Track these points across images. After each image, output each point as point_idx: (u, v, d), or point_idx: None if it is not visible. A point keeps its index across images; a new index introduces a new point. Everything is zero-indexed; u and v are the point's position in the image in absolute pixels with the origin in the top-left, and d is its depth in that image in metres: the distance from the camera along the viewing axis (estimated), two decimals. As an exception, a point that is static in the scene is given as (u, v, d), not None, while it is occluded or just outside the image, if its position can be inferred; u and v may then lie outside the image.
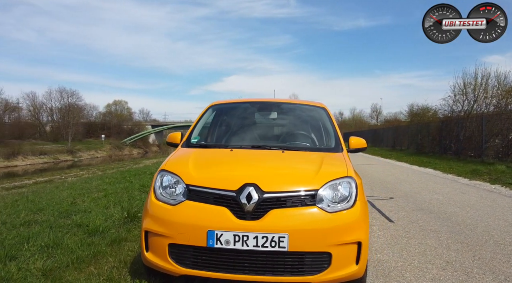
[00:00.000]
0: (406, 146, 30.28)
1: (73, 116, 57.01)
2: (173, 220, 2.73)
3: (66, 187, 9.82)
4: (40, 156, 41.78)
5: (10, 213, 5.99)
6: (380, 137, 39.54)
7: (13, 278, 3.09)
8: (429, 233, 5.09)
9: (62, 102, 60.68)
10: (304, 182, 2.80)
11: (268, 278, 2.63)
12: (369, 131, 48.62)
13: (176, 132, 3.84)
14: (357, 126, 68.20)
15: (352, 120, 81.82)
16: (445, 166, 15.38)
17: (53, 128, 59.65)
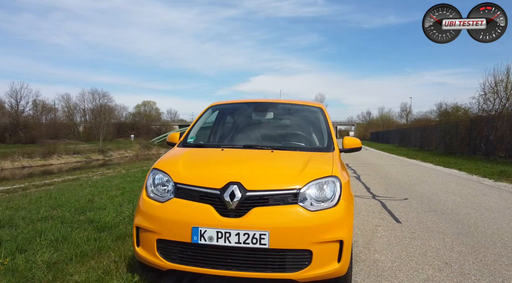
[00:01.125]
0: (435, 146, 29.47)
1: (104, 117, 58.92)
2: (161, 216, 2.85)
3: (89, 185, 10.23)
4: (74, 155, 43.39)
5: (32, 208, 6.35)
6: (408, 137, 38.63)
7: (18, 269, 3.31)
8: (435, 234, 5.01)
9: (94, 104, 62.92)
10: (287, 181, 2.86)
11: (250, 274, 2.71)
12: (397, 131, 47.53)
13: (176, 132, 3.98)
14: (385, 126, 66.83)
15: (380, 119, 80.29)
16: (471, 167, 14.91)
17: (85, 129, 61.89)
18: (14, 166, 36.58)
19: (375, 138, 62.20)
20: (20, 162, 37.23)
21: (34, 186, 12.69)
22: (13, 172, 32.99)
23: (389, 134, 50.61)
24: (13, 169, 35.21)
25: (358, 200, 7.46)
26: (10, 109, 52.95)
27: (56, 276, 3.25)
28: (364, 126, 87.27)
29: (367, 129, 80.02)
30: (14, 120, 50.07)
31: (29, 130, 49.95)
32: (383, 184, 10.05)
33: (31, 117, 55.57)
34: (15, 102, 53.21)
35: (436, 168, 15.52)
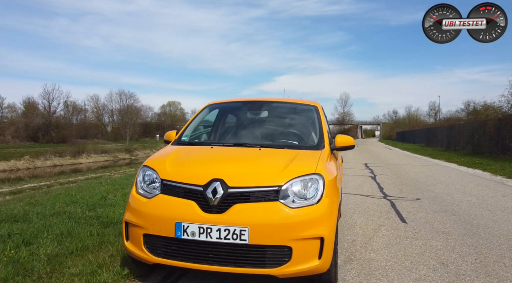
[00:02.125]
0: (462, 146, 28.54)
1: (131, 117, 60.40)
2: (147, 212, 2.95)
3: (108, 182, 10.54)
4: (102, 154, 44.73)
5: (48, 204, 6.62)
6: (435, 137, 37.57)
7: (20, 261, 3.48)
8: (439, 234, 4.91)
9: (121, 104, 64.60)
10: (268, 178, 2.90)
11: (231, 269, 2.77)
12: (422, 130, 46.29)
13: (172, 131, 4.09)
14: (411, 126, 65.26)
15: (406, 119, 78.50)
16: (497, 168, 14.40)
17: (113, 129, 63.64)
18: (46, 164, 38.12)
19: (401, 138, 60.86)
20: (52, 161, 38.74)
21: (58, 184, 13.20)
22: (45, 170, 34.37)
23: (415, 134, 49.40)
24: (46, 167, 36.71)
25: (367, 200, 7.38)
26: (43, 110, 55.08)
27: (54, 268, 3.40)
28: (390, 126, 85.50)
29: (393, 129, 78.37)
30: (47, 120, 52.02)
31: (60, 130, 51.80)
32: (398, 184, 9.87)
33: (62, 118, 57.56)
34: (48, 103, 55.29)
35: (459, 168, 15.08)
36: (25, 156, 39.02)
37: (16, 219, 5.32)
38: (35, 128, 50.24)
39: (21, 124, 50.31)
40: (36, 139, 48.94)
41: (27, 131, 49.29)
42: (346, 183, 9.67)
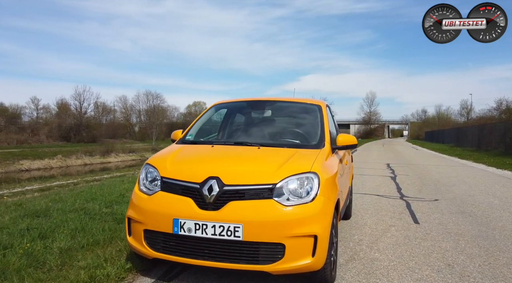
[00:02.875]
0: (493, 146, 27.49)
1: (157, 117, 61.68)
2: (147, 208, 3.06)
3: (129, 181, 10.84)
4: (129, 153, 45.94)
5: (70, 201, 6.90)
6: (464, 136, 36.37)
7: (34, 253, 3.68)
8: (451, 236, 4.81)
9: (148, 105, 66.07)
10: (263, 176, 2.94)
11: (225, 265, 2.83)
12: (452, 130, 44.89)
13: (179, 130, 4.20)
14: (440, 125, 63.40)
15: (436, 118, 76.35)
16: (528, 169, 13.85)
17: (140, 129, 65.17)
18: (77, 163, 39.57)
19: (429, 138, 59.26)
20: (83, 160, 40.17)
21: (84, 181, 13.67)
22: (76, 168, 35.66)
23: (444, 134, 47.97)
24: (77, 166, 38.10)
25: (382, 200, 7.28)
26: (74, 111, 57.10)
27: (65, 261, 3.58)
28: (419, 126, 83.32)
29: (421, 129, 76.36)
30: (78, 121, 53.93)
31: (91, 130, 53.57)
32: (418, 184, 9.67)
33: (93, 118, 59.50)
34: (79, 104, 57.33)
35: (487, 169, 14.58)
36: (58, 155, 40.61)
37: (38, 214, 5.58)
38: (67, 129, 52.15)
39: (55, 125, 52.36)
40: (68, 139, 50.82)
41: (60, 131, 51.24)
42: (364, 183, 9.57)
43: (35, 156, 39.99)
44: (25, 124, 53.89)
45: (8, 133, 47.80)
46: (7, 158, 38.10)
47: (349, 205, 5.39)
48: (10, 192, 12.75)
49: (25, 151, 42.26)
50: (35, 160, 39.39)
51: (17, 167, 36.76)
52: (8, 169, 35.73)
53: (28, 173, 34.09)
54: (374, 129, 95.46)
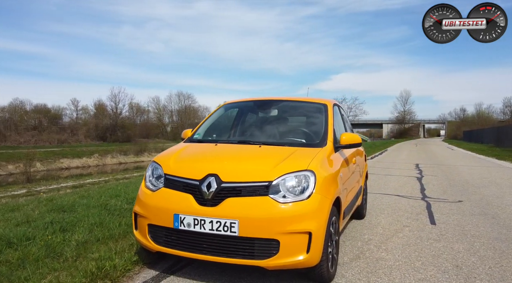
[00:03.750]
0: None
1: (189, 117, 62.89)
2: (151, 203, 3.21)
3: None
4: (161, 153, 47.22)
5: (95, 197, 7.24)
6: (505, 136, 34.65)
7: (52, 245, 3.93)
8: (467, 238, 4.69)
9: (180, 105, 67.52)
10: (260, 174, 3.01)
11: (222, 259, 2.93)
12: (492, 129, 42.90)
13: (188, 129, 4.34)
14: (480, 124, 60.77)
15: (475, 117, 73.23)
16: None
17: (172, 128, 66.69)
18: (112, 162, 41.16)
19: (467, 137, 56.91)
20: (118, 159, 41.73)
21: (114, 179, 14.20)
22: (111, 167, 37.10)
23: (483, 133, 45.91)
24: (112, 165, 39.60)
25: (402, 201, 7.15)
26: (110, 111, 59.23)
27: (80, 253, 3.79)
28: (457, 125, 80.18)
29: (459, 128, 73.45)
30: (113, 121, 55.94)
31: (125, 130, 55.42)
32: (444, 185, 9.39)
33: (127, 119, 61.48)
34: (114, 105, 59.44)
35: (524, 170, 13.89)
36: (95, 154, 42.30)
37: (64, 209, 5.91)
38: (104, 129, 54.21)
39: (92, 125, 54.55)
40: (105, 138, 52.81)
41: (96, 131, 53.35)
42: (387, 184, 9.41)
43: (74, 154, 41.86)
44: (65, 125, 56.53)
45: (50, 133, 50.29)
46: (49, 156, 40.07)
47: (361, 204, 5.36)
48: (47, 188, 13.47)
49: (65, 150, 44.29)
50: (74, 158, 41.26)
51: (58, 165, 38.67)
52: (50, 167, 37.64)
53: (67, 171, 35.81)
54: (408, 128, 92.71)
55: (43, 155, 40.27)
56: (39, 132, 50.05)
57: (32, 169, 36.88)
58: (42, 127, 51.33)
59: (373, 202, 6.94)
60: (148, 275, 3.32)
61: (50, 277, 3.12)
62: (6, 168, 35.44)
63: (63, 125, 56.44)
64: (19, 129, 49.51)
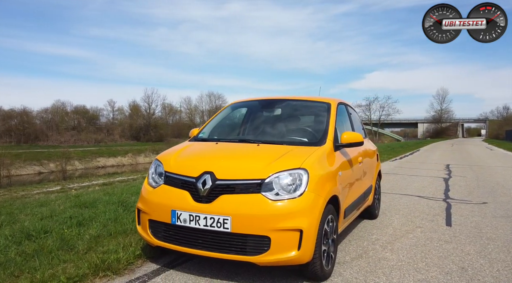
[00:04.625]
0: None
1: (220, 118, 63.64)
2: (151, 200, 3.34)
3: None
4: (193, 152, 48.10)
5: (117, 195, 7.53)
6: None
7: (67, 238, 4.15)
8: (482, 240, 4.54)
9: (211, 105, 68.37)
10: (253, 172, 3.07)
11: (216, 254, 3.01)
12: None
13: (196, 128, 4.46)
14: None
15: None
16: None
17: (203, 128, 67.76)
18: (145, 161, 42.38)
19: (510, 137, 54.14)
20: (150, 158, 42.89)
21: (142, 178, 14.63)
22: (144, 166, 38.19)
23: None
24: (144, 164, 40.76)
25: (421, 201, 6.97)
26: (144, 112, 60.97)
27: (91, 246, 3.99)
28: (499, 124, 76.42)
29: (501, 127, 69.95)
30: (147, 121, 57.56)
31: (158, 130, 56.89)
32: (472, 186, 9.05)
33: (160, 119, 63.05)
34: (148, 105, 61.12)
35: None
36: (129, 153, 43.71)
37: (86, 205, 6.19)
38: (138, 129, 55.91)
39: (127, 125, 56.40)
40: (138, 138, 54.46)
41: (131, 131, 55.11)
42: (410, 184, 9.18)
43: (110, 154, 43.45)
44: (102, 125, 58.76)
45: (87, 133, 52.46)
46: (87, 155, 41.76)
47: (373, 204, 5.28)
48: (79, 185, 14.07)
49: (102, 149, 46.04)
50: (109, 157, 42.82)
51: (95, 164, 40.27)
52: (88, 166, 39.27)
53: (103, 169, 37.25)
54: (445, 128, 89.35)
55: (81, 154, 42.02)
56: (78, 132, 52.31)
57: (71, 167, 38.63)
58: (80, 128, 53.61)
59: (390, 202, 6.81)
60: (149, 268, 3.46)
61: (58, 268, 3.31)
62: (48, 166, 37.31)
63: (100, 125, 58.71)
64: (60, 130, 51.95)
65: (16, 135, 48.31)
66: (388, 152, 22.19)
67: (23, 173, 34.81)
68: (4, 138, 47.43)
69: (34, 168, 36.80)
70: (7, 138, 47.82)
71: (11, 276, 3.19)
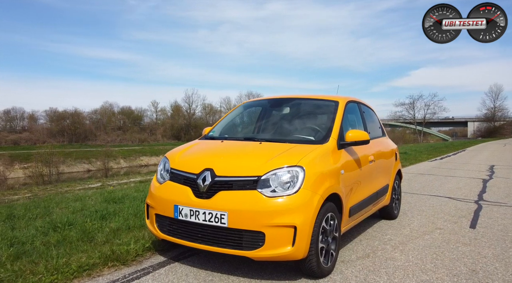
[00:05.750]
0: None
1: (257, 117, 64.08)
2: (158, 195, 3.49)
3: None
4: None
5: (146, 192, 7.85)
6: None
7: (88, 230, 4.42)
8: (504, 243, 4.33)
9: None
10: (250, 169, 3.13)
11: (214, 248, 3.11)
12: None
13: (209, 127, 4.59)
14: None
15: None
16: None
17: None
18: (187, 160, 43.54)
19: None
20: (191, 157, 44.06)
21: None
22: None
23: None
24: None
25: (450, 202, 6.70)
26: (185, 112, 62.64)
27: (109, 238, 4.22)
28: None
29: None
30: (187, 121, 59.08)
31: (198, 130, 58.15)
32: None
33: (200, 119, 64.44)
34: (188, 106, 62.72)
35: None
36: (170, 152, 44.96)
37: (115, 201, 6.52)
38: (179, 128, 57.58)
39: (168, 125, 58.22)
40: (179, 138, 56.02)
41: (172, 131, 56.86)
42: (443, 185, 8.82)
43: (152, 153, 45.05)
44: (145, 125, 61.07)
45: (132, 133, 54.73)
46: (131, 154, 43.53)
47: (390, 204, 5.16)
48: (118, 182, 14.75)
49: (145, 148, 47.82)
50: (152, 156, 44.38)
51: (138, 163, 41.94)
52: (132, 164, 41.02)
53: (146, 168, 38.70)
54: (498, 127, 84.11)
55: (126, 153, 43.85)
56: (123, 132, 54.65)
57: (117, 165, 40.43)
58: (125, 128, 55.95)
59: (416, 203, 6.60)
60: (156, 260, 3.62)
61: (74, 257, 3.55)
62: (95, 164, 39.33)
63: (143, 125, 61.03)
64: (107, 129, 54.57)
65: (68, 135, 51.33)
66: (429, 152, 21.34)
67: (74, 171, 36.95)
68: (58, 138, 50.60)
69: (84, 165, 38.95)
70: (61, 137, 50.97)
71: (31, 263, 3.46)
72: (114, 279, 3.19)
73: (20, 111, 59.21)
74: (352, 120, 4.34)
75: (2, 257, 3.56)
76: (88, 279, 3.20)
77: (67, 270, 3.24)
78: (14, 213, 5.51)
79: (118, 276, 3.24)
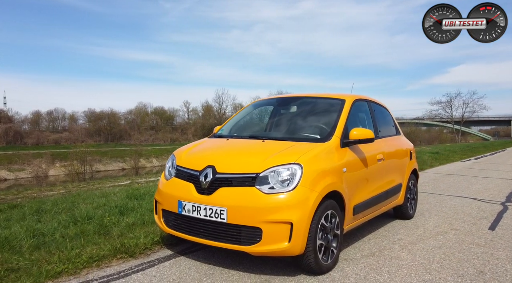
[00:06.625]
0: None
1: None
2: (164, 191, 3.62)
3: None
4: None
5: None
6: None
7: (105, 224, 4.63)
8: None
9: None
10: (249, 166, 3.20)
11: (214, 243, 3.20)
12: None
13: (219, 126, 4.69)
14: None
15: None
16: None
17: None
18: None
19: None
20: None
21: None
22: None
23: None
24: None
25: (473, 203, 6.47)
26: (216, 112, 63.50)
27: (123, 232, 4.41)
28: None
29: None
30: (218, 121, 59.74)
31: (228, 129, 58.90)
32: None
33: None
34: (218, 105, 63.53)
35: None
36: (201, 151, 45.75)
37: (136, 197, 6.76)
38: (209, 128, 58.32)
39: (199, 125, 59.21)
40: (210, 137, 56.90)
41: (203, 130, 57.71)
42: (470, 186, 8.51)
43: (184, 152, 45.88)
44: (177, 125, 62.41)
45: (164, 133, 56.09)
46: (163, 153, 44.58)
47: (404, 204, 5.06)
48: (146, 180, 15.22)
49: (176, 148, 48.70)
50: (183, 155, 45.20)
51: (170, 162, 42.85)
52: (163, 163, 41.89)
53: (177, 167, 39.62)
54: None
55: (158, 152, 44.98)
56: (156, 132, 56.08)
57: (150, 164, 41.54)
58: (158, 127, 57.40)
59: (436, 203, 6.43)
60: (163, 254, 3.75)
61: (86, 249, 3.75)
62: (130, 163, 40.58)
63: (175, 125, 62.39)
64: (141, 129, 56.20)
65: (104, 134, 53.26)
66: (464, 152, 20.55)
67: (109, 169, 38.35)
68: (94, 137, 52.68)
69: (118, 164, 40.33)
70: (97, 137, 53.03)
71: (48, 253, 3.68)
72: (121, 270, 3.35)
73: (61, 112, 62.29)
74: (361, 119, 4.31)
75: (23, 247, 3.81)
76: (97, 269, 3.37)
77: (78, 260, 3.43)
78: (43, 207, 5.83)
79: (124, 267, 3.40)
